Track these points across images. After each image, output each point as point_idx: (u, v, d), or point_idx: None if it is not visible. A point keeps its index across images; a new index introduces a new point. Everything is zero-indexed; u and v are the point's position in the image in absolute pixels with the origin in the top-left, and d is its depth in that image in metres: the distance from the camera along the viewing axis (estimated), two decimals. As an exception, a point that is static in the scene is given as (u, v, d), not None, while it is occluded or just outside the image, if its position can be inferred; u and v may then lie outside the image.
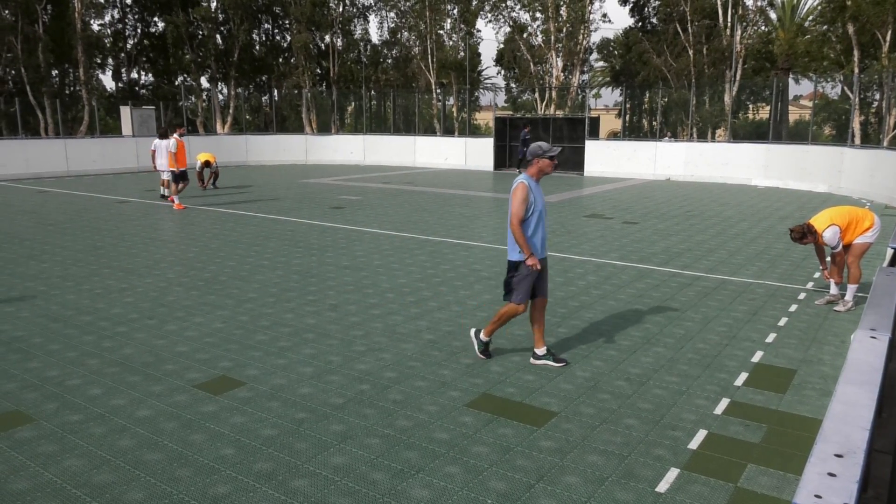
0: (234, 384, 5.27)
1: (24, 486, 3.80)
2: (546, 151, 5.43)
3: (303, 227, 12.79)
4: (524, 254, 5.37)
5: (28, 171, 22.25)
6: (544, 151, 5.43)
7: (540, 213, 5.46)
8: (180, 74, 38.34)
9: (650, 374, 5.51)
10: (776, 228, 12.78)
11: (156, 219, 13.81)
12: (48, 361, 5.74)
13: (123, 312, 7.17)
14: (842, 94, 31.85)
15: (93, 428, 4.51)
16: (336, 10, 37.04)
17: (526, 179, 5.42)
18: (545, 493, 3.76)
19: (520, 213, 5.35)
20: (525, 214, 5.37)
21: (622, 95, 30.97)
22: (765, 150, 21.59)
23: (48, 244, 10.95)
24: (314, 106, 36.76)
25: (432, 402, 4.95)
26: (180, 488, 3.79)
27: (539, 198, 5.44)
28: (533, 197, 5.38)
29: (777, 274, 9.07)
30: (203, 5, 34.92)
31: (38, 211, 14.84)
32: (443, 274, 8.95)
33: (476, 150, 27.23)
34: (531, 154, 5.48)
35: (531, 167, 5.50)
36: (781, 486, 3.84)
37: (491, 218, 14.22)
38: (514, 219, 5.36)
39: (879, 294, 2.55)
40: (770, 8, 33.73)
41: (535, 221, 5.45)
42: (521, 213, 5.35)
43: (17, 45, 30.26)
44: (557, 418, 4.70)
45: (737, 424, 4.62)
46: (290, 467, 4.03)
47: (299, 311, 7.22)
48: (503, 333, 6.50)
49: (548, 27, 34.40)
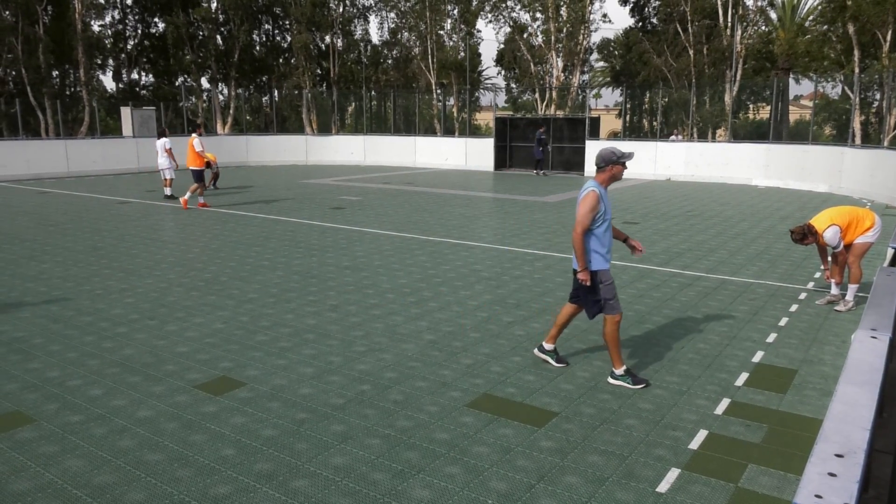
0: (234, 385, 5.27)
1: (25, 487, 3.80)
2: (620, 157, 5.07)
3: (303, 227, 12.79)
4: (580, 264, 5.12)
5: (29, 171, 22.26)
6: (618, 157, 5.07)
7: (609, 222, 5.17)
8: (181, 75, 38.35)
9: (650, 374, 5.50)
10: (777, 228, 12.77)
11: (156, 219, 13.82)
12: (49, 362, 5.74)
13: (124, 313, 7.17)
14: (842, 94, 31.84)
15: (93, 428, 4.51)
16: (336, 10, 37.05)
17: (596, 187, 5.07)
18: (546, 494, 3.76)
19: (585, 222, 5.03)
20: (593, 224, 5.07)
21: (622, 95, 30.99)
22: (765, 150, 21.59)
23: (49, 245, 10.96)
24: (314, 106, 36.78)
25: (433, 403, 4.95)
26: (181, 489, 3.79)
27: (608, 207, 5.15)
28: (603, 206, 5.07)
29: (777, 274, 9.07)
30: (203, 6, 34.93)
31: (38, 212, 14.85)
32: (443, 274, 8.95)
33: (476, 150, 27.23)
34: (604, 160, 5.11)
35: (602, 173, 5.14)
36: (782, 486, 3.84)
37: (491, 218, 14.22)
38: (578, 227, 5.04)
39: (880, 294, 2.55)
40: (770, 8, 33.76)
41: (603, 230, 5.13)
42: (586, 223, 5.03)
43: (18, 45, 30.27)
44: (558, 418, 4.70)
45: (737, 424, 4.62)
46: (290, 468, 4.03)
47: (300, 312, 7.22)
48: (503, 334, 6.50)
49: (548, 27, 34.40)
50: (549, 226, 13.02)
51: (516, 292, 8.03)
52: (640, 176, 23.24)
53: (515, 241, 11.42)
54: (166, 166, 16.90)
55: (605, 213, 5.10)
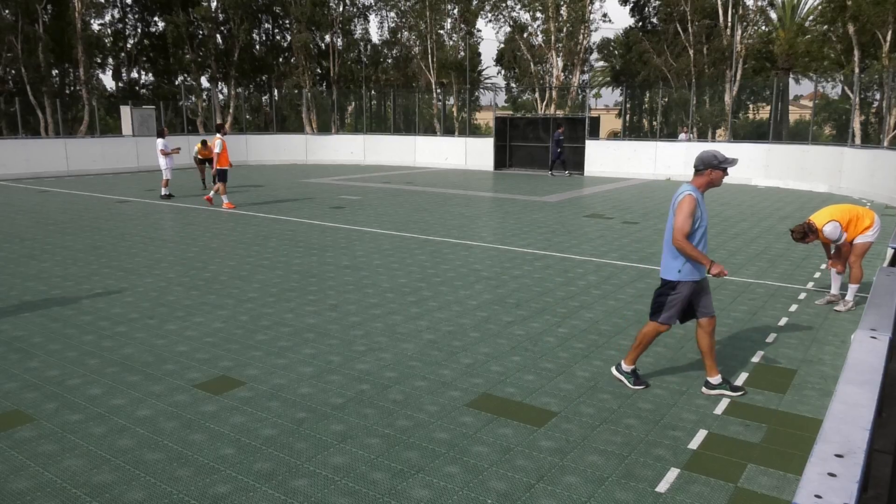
0: (234, 384, 5.27)
1: (25, 486, 3.80)
2: (722, 161, 4.80)
3: (303, 226, 12.79)
4: (703, 264, 4.80)
5: (28, 170, 22.25)
6: (720, 161, 4.80)
7: (705, 230, 4.94)
8: (180, 74, 38.31)
9: (650, 373, 5.50)
10: (776, 228, 12.78)
11: (156, 218, 13.81)
12: (48, 361, 5.74)
13: (123, 312, 7.17)
14: (842, 94, 31.84)
15: (93, 428, 4.51)
16: (336, 9, 37.02)
17: (693, 192, 4.81)
18: (545, 493, 3.76)
19: (686, 227, 4.76)
20: (691, 229, 4.81)
21: (622, 95, 30.98)
22: (765, 149, 21.59)
23: (48, 244, 10.95)
24: (314, 106, 36.75)
25: (432, 402, 4.95)
26: (180, 488, 3.79)
27: (705, 212, 4.92)
28: (700, 211, 4.84)
29: (777, 274, 9.07)
30: (203, 5, 34.90)
31: (38, 210, 14.84)
32: (443, 274, 8.94)
33: (476, 149, 27.23)
34: (703, 163, 4.83)
35: (700, 177, 4.86)
36: (781, 486, 3.84)
37: (491, 218, 14.22)
38: (678, 234, 4.77)
39: (880, 294, 2.55)
40: (770, 8, 33.74)
41: (699, 237, 4.87)
42: (686, 228, 4.76)
43: (18, 44, 30.24)
44: (557, 418, 4.70)
45: (737, 424, 4.62)
46: (290, 467, 4.03)
47: (299, 311, 7.22)
48: (503, 333, 6.50)
49: (548, 27, 34.38)
50: (548, 225, 13.01)
51: (516, 292, 8.03)
52: (640, 175, 23.24)
53: (515, 240, 11.42)
54: (164, 166, 16.87)
55: (701, 220, 4.87)
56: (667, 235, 4.97)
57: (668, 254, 4.97)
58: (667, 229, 4.97)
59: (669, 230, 4.91)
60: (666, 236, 4.98)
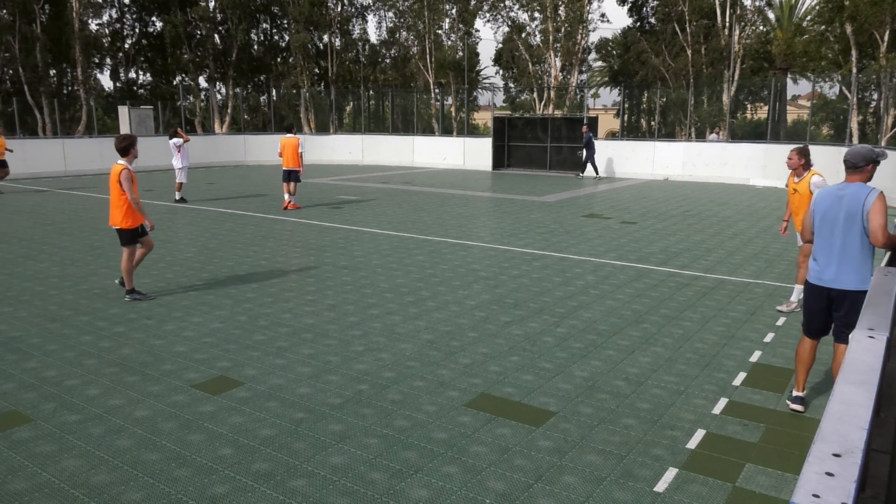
0: (232, 384, 5.26)
1: (22, 487, 3.79)
2: (878, 155, 4.54)
3: (301, 226, 12.78)
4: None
5: (26, 170, 22.20)
6: (876, 155, 4.53)
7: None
8: (178, 74, 38.28)
9: (648, 373, 5.51)
10: (774, 228, 12.79)
11: (154, 219, 13.78)
12: (46, 361, 5.73)
13: (121, 312, 7.16)
14: (840, 94, 31.88)
15: (91, 428, 4.50)
16: (334, 9, 37.01)
17: (877, 190, 4.37)
18: (543, 493, 3.76)
19: (888, 228, 4.31)
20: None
21: (620, 95, 30.99)
22: (763, 149, 21.62)
23: (46, 244, 10.94)
24: (312, 106, 36.72)
25: (431, 402, 4.95)
26: (178, 488, 3.78)
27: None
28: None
29: (775, 273, 9.08)
30: (201, 5, 34.86)
31: (35, 211, 14.82)
32: (441, 274, 8.94)
33: (474, 149, 27.23)
34: (865, 159, 4.48)
35: (860, 174, 4.49)
36: (779, 486, 3.85)
37: (489, 218, 14.22)
38: (881, 235, 4.26)
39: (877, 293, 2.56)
40: (768, 8, 33.78)
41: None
42: (888, 229, 4.29)
43: (15, 44, 30.19)
44: (556, 418, 4.70)
45: (735, 424, 4.62)
46: (288, 467, 4.03)
47: (297, 311, 7.21)
48: (501, 333, 6.50)
49: (546, 27, 34.40)
50: (546, 225, 13.02)
51: (514, 292, 8.04)
52: (638, 175, 23.25)
53: (513, 240, 11.42)
54: (178, 166, 16.26)
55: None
56: (845, 243, 4.43)
57: (853, 263, 4.42)
58: (842, 235, 4.43)
59: (856, 235, 4.38)
60: (842, 245, 4.45)
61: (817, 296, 4.65)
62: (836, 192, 4.53)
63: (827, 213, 4.52)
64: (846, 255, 4.44)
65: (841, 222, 4.43)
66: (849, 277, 4.44)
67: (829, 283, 4.53)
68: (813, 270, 4.66)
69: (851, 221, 4.39)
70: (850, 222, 4.40)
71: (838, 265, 4.47)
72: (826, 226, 4.52)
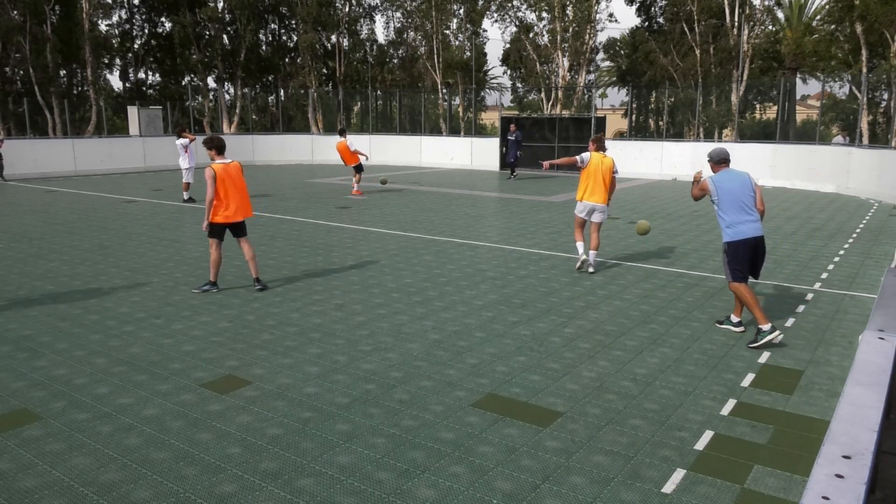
0: (240, 383, 5.28)
1: (32, 484, 3.81)
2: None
3: (309, 226, 12.81)
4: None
5: (36, 170, 22.36)
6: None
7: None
8: (187, 74, 38.43)
9: (656, 374, 5.49)
10: (783, 229, 12.73)
11: (163, 218, 13.86)
12: (56, 360, 5.76)
13: (130, 311, 7.20)
14: (850, 94, 31.69)
15: (100, 426, 4.53)
16: (342, 10, 37.07)
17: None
18: (551, 494, 3.76)
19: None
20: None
21: (628, 95, 30.93)
22: (772, 150, 21.50)
23: (56, 243, 11.01)
24: (320, 106, 36.80)
25: (438, 402, 4.95)
26: (186, 487, 3.80)
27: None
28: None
29: (784, 274, 9.03)
30: (210, 6, 35.00)
31: (46, 210, 14.92)
32: (448, 274, 8.94)
33: (482, 150, 27.21)
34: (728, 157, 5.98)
35: (728, 164, 5.94)
36: (788, 488, 3.83)
37: (496, 218, 14.21)
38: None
39: (888, 295, 2.54)
40: (777, 7, 33.60)
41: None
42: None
43: (26, 45, 30.39)
44: (563, 418, 4.69)
45: (743, 425, 4.60)
46: (295, 466, 4.04)
47: (305, 311, 7.23)
48: (508, 333, 6.50)
49: (554, 27, 34.34)
50: (554, 225, 13.00)
51: (521, 292, 8.03)
52: (646, 176, 23.18)
53: (521, 240, 11.41)
54: (185, 166, 16.22)
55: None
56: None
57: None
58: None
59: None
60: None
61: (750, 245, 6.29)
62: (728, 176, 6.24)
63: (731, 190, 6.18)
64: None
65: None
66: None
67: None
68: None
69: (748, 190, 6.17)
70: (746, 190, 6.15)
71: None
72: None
